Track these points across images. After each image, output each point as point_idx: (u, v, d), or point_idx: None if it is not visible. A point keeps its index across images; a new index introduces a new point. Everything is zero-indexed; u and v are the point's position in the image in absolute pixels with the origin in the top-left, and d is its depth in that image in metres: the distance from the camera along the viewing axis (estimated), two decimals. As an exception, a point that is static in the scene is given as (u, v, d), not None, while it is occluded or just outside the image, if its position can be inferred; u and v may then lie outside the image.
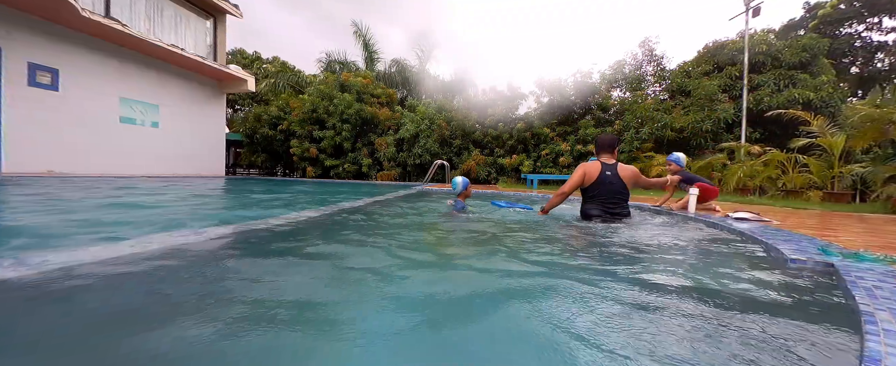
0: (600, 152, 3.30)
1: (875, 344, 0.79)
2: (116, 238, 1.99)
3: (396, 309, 1.10)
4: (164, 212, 3.32)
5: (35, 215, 2.76)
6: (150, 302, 1.13)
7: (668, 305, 1.14)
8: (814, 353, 0.85)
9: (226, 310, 1.04)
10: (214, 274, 1.44)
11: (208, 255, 1.71)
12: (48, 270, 1.28)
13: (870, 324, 0.89)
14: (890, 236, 2.50)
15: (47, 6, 7.43)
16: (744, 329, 0.97)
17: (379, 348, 0.84)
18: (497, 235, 2.48)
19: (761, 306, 1.18)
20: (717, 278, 1.51)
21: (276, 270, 1.48)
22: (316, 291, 1.28)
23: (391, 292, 1.29)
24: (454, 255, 2.00)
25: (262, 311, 1.02)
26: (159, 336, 0.88)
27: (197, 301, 1.12)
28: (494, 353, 0.85)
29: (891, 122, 4.90)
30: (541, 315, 1.05)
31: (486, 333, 0.96)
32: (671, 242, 2.36)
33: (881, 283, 1.23)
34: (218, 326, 0.92)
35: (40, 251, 1.53)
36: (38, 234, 2.14)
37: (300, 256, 1.76)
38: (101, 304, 1.11)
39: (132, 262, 1.48)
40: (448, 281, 1.47)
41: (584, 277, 1.48)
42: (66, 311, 1.04)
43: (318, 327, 0.96)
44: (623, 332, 0.94)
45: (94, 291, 1.21)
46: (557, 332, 0.94)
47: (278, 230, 2.35)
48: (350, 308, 1.10)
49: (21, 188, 4.80)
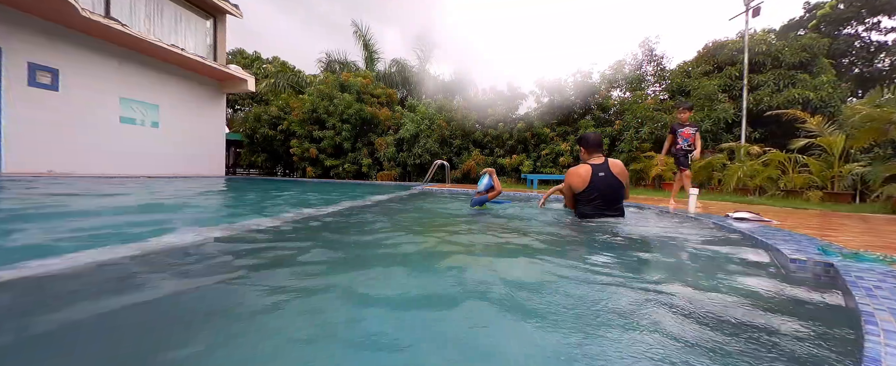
0: (591, 152, 3.17)
1: (875, 344, 0.80)
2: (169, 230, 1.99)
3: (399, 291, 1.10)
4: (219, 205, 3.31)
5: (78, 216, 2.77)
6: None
7: (667, 305, 1.14)
8: (814, 353, 0.85)
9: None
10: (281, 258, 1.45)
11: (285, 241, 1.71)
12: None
13: (870, 324, 0.89)
14: (890, 236, 2.50)
15: (47, 6, 7.42)
16: (743, 329, 0.97)
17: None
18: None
19: (761, 306, 1.18)
20: (716, 277, 1.51)
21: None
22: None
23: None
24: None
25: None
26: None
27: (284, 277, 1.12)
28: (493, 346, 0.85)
29: (891, 122, 4.90)
30: (539, 313, 1.06)
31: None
32: (670, 242, 2.36)
33: (881, 283, 1.23)
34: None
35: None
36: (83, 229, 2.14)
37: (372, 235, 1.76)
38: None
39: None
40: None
41: (582, 276, 1.48)
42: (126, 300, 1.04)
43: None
44: (621, 332, 0.94)
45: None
46: (554, 331, 0.94)
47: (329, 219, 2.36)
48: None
49: (50, 187, 4.80)
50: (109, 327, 0.95)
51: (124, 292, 1.20)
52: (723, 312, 1.10)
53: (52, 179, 6.61)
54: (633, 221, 3.15)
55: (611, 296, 1.22)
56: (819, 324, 1.02)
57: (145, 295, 1.17)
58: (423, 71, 17.30)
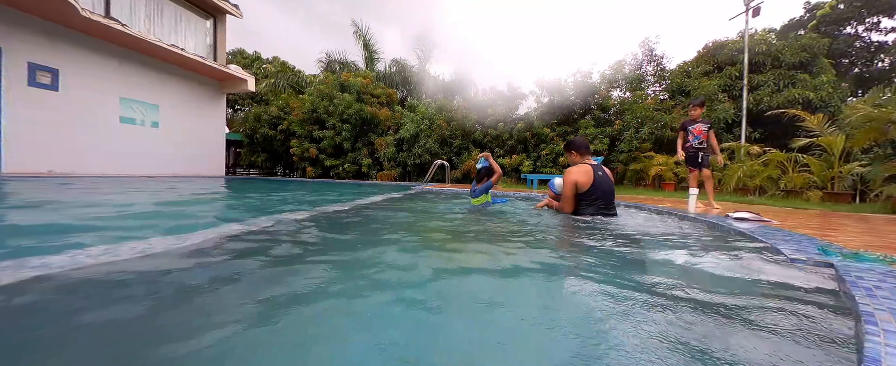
0: (582, 155, 3.22)
1: (875, 344, 0.80)
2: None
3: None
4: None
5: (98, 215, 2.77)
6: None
7: (666, 305, 1.14)
8: (814, 353, 0.85)
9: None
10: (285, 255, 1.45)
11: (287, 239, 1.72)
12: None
13: (870, 324, 0.89)
14: (890, 236, 2.50)
15: (47, 6, 7.43)
16: (743, 329, 0.97)
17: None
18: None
19: (761, 306, 1.18)
20: (716, 277, 1.51)
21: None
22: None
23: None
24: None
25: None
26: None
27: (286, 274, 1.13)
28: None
29: (890, 121, 4.90)
30: (537, 311, 1.06)
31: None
32: (670, 242, 2.36)
33: (881, 283, 1.23)
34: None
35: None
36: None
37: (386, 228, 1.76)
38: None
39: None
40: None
41: (580, 276, 1.48)
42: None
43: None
44: (620, 332, 0.94)
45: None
46: (550, 331, 0.94)
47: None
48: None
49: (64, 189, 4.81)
50: (117, 326, 0.95)
51: (127, 294, 1.20)
52: (722, 312, 1.10)
53: (65, 180, 6.61)
54: (634, 221, 3.15)
55: (607, 296, 1.22)
56: (819, 324, 1.02)
57: (142, 297, 1.17)
58: (423, 71, 17.31)
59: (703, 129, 4.43)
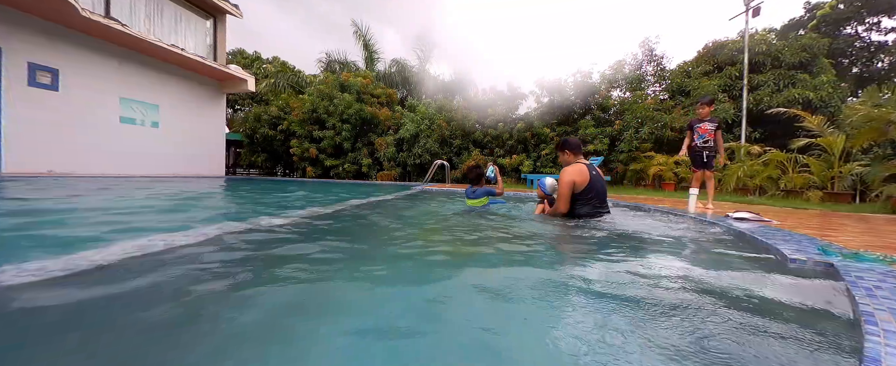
0: (576, 155, 3.20)
1: (875, 344, 0.80)
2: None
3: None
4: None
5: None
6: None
7: (666, 305, 1.14)
8: (814, 353, 0.85)
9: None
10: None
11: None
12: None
13: (870, 324, 0.90)
14: (890, 236, 2.50)
15: (47, 6, 7.42)
16: (743, 329, 0.97)
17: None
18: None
19: (761, 306, 1.18)
20: (716, 278, 1.51)
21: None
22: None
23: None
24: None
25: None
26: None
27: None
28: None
29: (890, 121, 4.90)
30: (537, 311, 1.06)
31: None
32: (670, 243, 2.36)
33: (881, 283, 1.23)
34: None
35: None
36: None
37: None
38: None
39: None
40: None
41: (579, 276, 1.48)
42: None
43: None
44: (620, 331, 0.94)
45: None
46: (549, 331, 0.94)
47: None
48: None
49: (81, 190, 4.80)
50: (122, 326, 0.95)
51: (135, 293, 1.20)
52: (722, 312, 1.10)
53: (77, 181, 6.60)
54: (634, 222, 3.15)
55: (607, 297, 1.22)
56: (819, 324, 1.02)
57: (140, 298, 1.17)
58: (423, 71, 17.31)
59: (709, 128, 4.32)
